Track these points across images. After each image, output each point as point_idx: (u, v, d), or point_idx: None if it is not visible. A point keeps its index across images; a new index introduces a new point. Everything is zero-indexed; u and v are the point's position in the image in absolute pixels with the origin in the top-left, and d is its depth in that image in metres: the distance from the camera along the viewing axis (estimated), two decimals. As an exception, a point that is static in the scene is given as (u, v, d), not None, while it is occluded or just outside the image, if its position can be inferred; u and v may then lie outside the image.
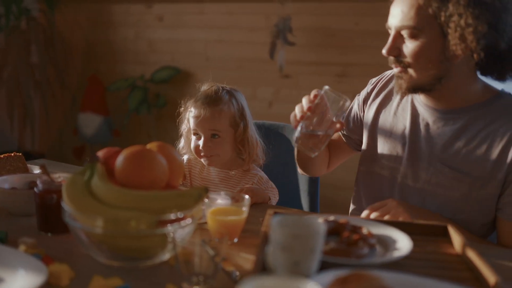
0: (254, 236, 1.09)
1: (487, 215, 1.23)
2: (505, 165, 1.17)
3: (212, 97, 1.44)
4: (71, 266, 0.86)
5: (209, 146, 1.44)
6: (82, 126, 3.73)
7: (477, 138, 1.21)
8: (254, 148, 1.48)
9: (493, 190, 1.19)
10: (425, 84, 1.21)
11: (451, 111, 1.25)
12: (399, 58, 1.20)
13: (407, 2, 1.16)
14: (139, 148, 0.99)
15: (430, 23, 1.15)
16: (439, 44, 1.16)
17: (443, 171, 1.23)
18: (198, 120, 1.43)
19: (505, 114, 1.21)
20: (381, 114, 1.39)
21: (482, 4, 1.10)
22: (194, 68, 3.50)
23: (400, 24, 1.17)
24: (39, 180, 1.08)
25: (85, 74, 3.85)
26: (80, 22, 3.78)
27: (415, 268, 0.91)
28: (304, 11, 3.08)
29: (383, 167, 1.35)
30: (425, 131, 1.28)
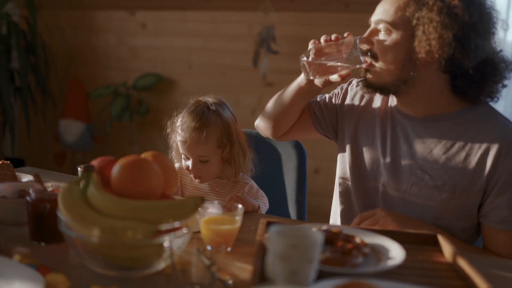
0: (247, 245, 1.09)
1: (467, 221, 1.25)
2: (484, 173, 1.20)
3: (197, 121, 1.42)
4: (67, 275, 0.85)
5: (198, 168, 1.45)
6: (63, 132, 3.68)
7: (455, 146, 1.24)
8: (241, 163, 1.49)
9: (474, 198, 1.22)
10: (388, 84, 1.25)
11: (428, 119, 1.28)
12: (370, 51, 1.25)
13: (391, 0, 1.23)
14: (135, 158, 0.99)
15: (405, 24, 1.20)
16: (407, 46, 1.21)
17: (424, 178, 1.26)
18: (186, 146, 1.43)
19: (482, 122, 1.23)
20: (362, 122, 1.41)
21: (452, 14, 1.15)
22: (177, 76, 3.49)
23: (378, 18, 1.24)
24: (31, 189, 1.07)
25: (66, 80, 3.81)
26: (62, 28, 3.74)
27: (408, 277, 0.93)
28: (288, 21, 3.11)
29: (364, 176, 1.37)
30: (405, 139, 1.30)
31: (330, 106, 1.50)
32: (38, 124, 3.84)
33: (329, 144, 1.61)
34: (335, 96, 1.51)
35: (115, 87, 3.52)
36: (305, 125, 1.53)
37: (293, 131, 1.55)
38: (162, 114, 3.75)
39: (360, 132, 1.40)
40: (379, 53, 1.23)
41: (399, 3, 1.21)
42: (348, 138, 1.43)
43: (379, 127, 1.36)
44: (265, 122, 1.57)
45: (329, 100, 1.51)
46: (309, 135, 1.56)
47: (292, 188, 1.76)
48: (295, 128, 1.54)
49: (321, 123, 1.50)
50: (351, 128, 1.42)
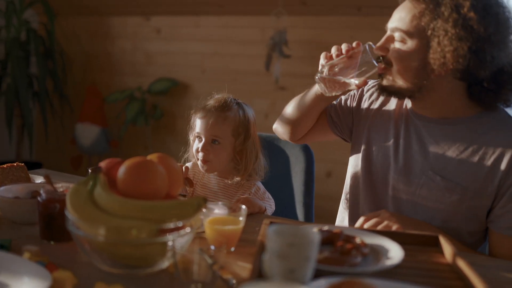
0: (250, 245, 1.12)
1: (476, 225, 1.25)
2: (497, 178, 1.20)
3: (220, 103, 1.49)
4: (74, 273, 0.89)
5: (207, 149, 1.47)
6: (80, 136, 3.75)
7: (469, 149, 1.24)
8: (251, 162, 1.50)
9: (484, 202, 1.22)
10: (403, 89, 1.26)
11: (444, 121, 1.28)
12: (385, 58, 1.26)
13: (407, 8, 1.23)
14: (140, 159, 1.03)
15: (419, 33, 1.21)
16: (421, 55, 1.21)
17: (435, 179, 1.26)
18: (203, 122, 1.48)
19: (497, 127, 1.24)
20: (377, 122, 1.41)
21: (468, 27, 1.15)
22: (190, 80, 3.54)
23: (394, 26, 1.24)
24: (42, 189, 1.11)
25: (83, 85, 3.89)
26: (79, 34, 3.83)
27: (406, 277, 0.94)
28: (300, 25, 3.13)
29: (376, 174, 1.38)
30: (418, 139, 1.31)
31: (346, 108, 1.51)
32: (55, 128, 3.92)
33: (341, 147, 1.63)
34: (351, 98, 1.52)
35: (130, 92, 3.58)
36: (322, 128, 1.55)
37: (310, 134, 1.57)
38: (176, 118, 3.82)
39: (374, 131, 1.41)
40: (393, 61, 1.24)
41: (414, 11, 1.21)
42: (362, 138, 1.44)
43: (393, 126, 1.37)
44: (283, 126, 1.60)
45: (345, 102, 1.52)
46: (326, 137, 1.58)
47: (300, 190, 1.77)
48: (312, 131, 1.56)
49: (337, 125, 1.52)
50: (366, 128, 1.43)
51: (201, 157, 1.49)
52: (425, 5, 1.20)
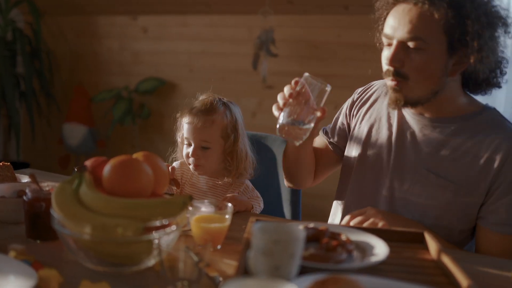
0: (237, 243, 1.12)
1: (467, 223, 1.27)
2: (489, 176, 1.21)
3: (206, 106, 1.47)
4: (60, 271, 0.89)
5: (197, 155, 1.47)
6: (67, 136, 3.73)
7: (462, 148, 1.25)
8: (242, 161, 1.50)
9: (476, 199, 1.23)
10: (422, 98, 1.23)
11: (438, 120, 1.29)
12: (399, 70, 1.21)
13: (418, 13, 1.17)
14: (126, 158, 1.03)
15: (439, 37, 1.17)
16: (443, 60, 1.19)
17: (428, 177, 1.27)
18: (190, 128, 1.46)
19: (489, 127, 1.25)
20: (367, 123, 1.42)
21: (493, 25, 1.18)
22: (178, 80, 3.53)
23: (409, 35, 1.17)
24: (28, 188, 1.10)
25: (70, 85, 3.86)
26: (65, 34, 3.80)
27: (391, 273, 0.95)
28: (287, 24, 3.14)
29: (369, 173, 1.38)
30: (411, 137, 1.32)
31: (342, 128, 1.52)
32: (42, 128, 3.89)
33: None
34: (342, 115, 1.52)
35: (117, 91, 3.57)
36: (329, 160, 1.55)
37: (321, 170, 1.57)
38: (164, 117, 3.81)
39: (367, 131, 1.41)
40: (413, 72, 1.20)
41: (432, 15, 1.15)
42: (356, 138, 1.45)
43: (385, 125, 1.38)
44: (293, 184, 1.60)
45: (341, 123, 1.52)
46: (339, 165, 1.54)
47: (287, 189, 1.78)
48: (322, 168, 1.56)
49: (342, 148, 1.51)
50: (359, 129, 1.44)
51: (192, 162, 1.49)
52: (444, 7, 1.15)
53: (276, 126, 1.18)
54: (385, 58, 1.24)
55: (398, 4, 1.21)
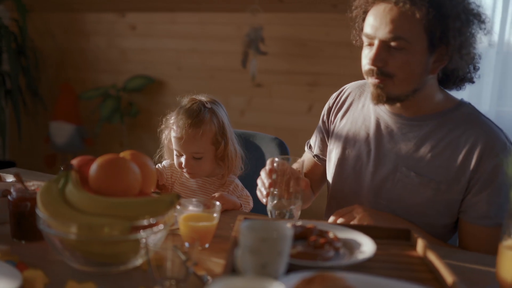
0: (225, 242, 1.12)
1: (449, 218, 1.29)
2: (468, 170, 1.23)
3: (193, 118, 1.44)
4: (45, 272, 0.88)
5: (191, 165, 1.47)
6: (54, 134, 3.69)
7: (441, 145, 1.27)
8: (233, 161, 1.51)
9: (457, 195, 1.25)
10: (402, 95, 1.25)
11: (415, 118, 1.31)
12: (382, 69, 1.22)
13: (400, 13, 1.17)
14: (113, 156, 1.02)
15: (421, 36, 1.18)
16: (424, 58, 1.21)
17: (409, 175, 1.28)
18: (181, 142, 1.45)
19: (465, 122, 1.27)
20: (344, 127, 1.44)
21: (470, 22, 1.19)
22: (166, 77, 3.51)
23: (391, 35, 1.18)
24: (13, 188, 1.09)
25: (57, 82, 3.82)
26: (52, 31, 3.76)
27: (378, 270, 0.96)
28: (276, 21, 3.14)
29: (350, 174, 1.40)
30: (390, 137, 1.33)
31: (322, 138, 1.54)
32: (28, 126, 3.85)
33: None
34: (321, 124, 1.54)
35: (105, 89, 3.54)
36: (320, 172, 1.56)
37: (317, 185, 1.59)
38: (152, 115, 3.79)
39: (345, 134, 1.43)
40: (397, 70, 1.21)
41: (413, 15, 1.16)
42: (335, 141, 1.46)
43: (363, 127, 1.39)
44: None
45: (320, 133, 1.54)
46: None
47: (276, 186, 1.78)
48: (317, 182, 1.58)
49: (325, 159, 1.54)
50: (338, 132, 1.46)
51: (186, 171, 1.50)
52: (425, 6, 1.16)
53: (265, 125, 1.20)
54: (366, 58, 1.24)
55: (377, 3, 1.22)
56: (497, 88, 2.52)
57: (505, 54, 2.49)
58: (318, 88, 3.07)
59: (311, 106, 3.09)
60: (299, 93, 3.12)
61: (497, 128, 1.27)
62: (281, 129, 3.06)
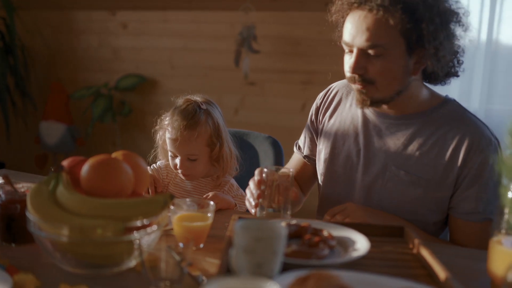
0: (219, 241, 1.11)
1: (440, 214, 1.29)
2: (456, 167, 1.24)
3: (189, 120, 1.43)
4: (37, 275, 0.87)
5: (186, 166, 1.46)
6: (44, 135, 3.65)
7: (428, 142, 1.28)
8: (228, 163, 1.50)
9: (445, 192, 1.26)
10: (387, 98, 1.26)
11: (402, 117, 1.31)
12: (363, 76, 1.23)
13: (374, 20, 1.17)
14: (105, 157, 1.01)
15: (398, 41, 1.18)
16: (404, 61, 1.21)
17: (399, 174, 1.29)
18: (176, 144, 1.44)
19: (451, 119, 1.28)
20: (333, 126, 1.44)
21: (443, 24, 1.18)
22: (159, 76, 3.49)
23: (368, 43, 1.18)
24: (1, 190, 1.07)
25: (47, 82, 3.79)
26: (41, 29, 3.72)
27: (372, 267, 0.96)
28: (268, 20, 3.13)
29: (340, 174, 1.40)
30: (378, 136, 1.34)
31: (311, 138, 1.53)
32: (18, 127, 3.81)
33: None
34: (309, 123, 1.54)
35: (97, 88, 3.51)
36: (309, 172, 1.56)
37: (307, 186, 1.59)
38: (145, 114, 3.77)
39: (334, 135, 1.43)
40: (378, 77, 1.22)
41: (388, 21, 1.16)
42: (324, 143, 1.46)
43: (351, 127, 1.39)
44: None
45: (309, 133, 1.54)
46: None
47: (270, 185, 1.77)
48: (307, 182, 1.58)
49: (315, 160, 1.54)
50: (327, 133, 1.45)
51: (181, 173, 1.49)
52: (398, 12, 1.16)
53: (258, 123, 1.20)
54: (347, 65, 1.25)
55: (353, 10, 1.22)
56: (486, 86, 2.52)
57: (493, 53, 2.49)
58: (312, 86, 3.07)
59: (304, 105, 3.09)
60: (293, 91, 3.12)
61: (482, 124, 1.28)
62: (274, 127, 3.06)
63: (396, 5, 1.16)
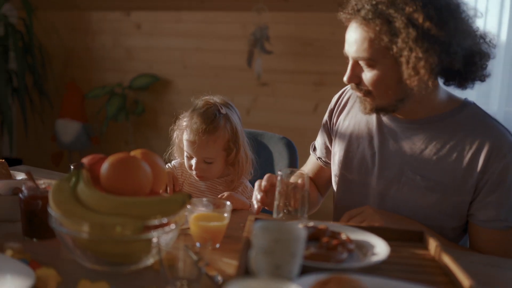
0: (235, 242, 1.11)
1: (458, 220, 1.27)
2: (476, 172, 1.22)
3: (208, 124, 1.42)
4: (58, 270, 0.87)
5: (201, 168, 1.47)
6: (60, 132, 3.69)
7: (446, 147, 1.25)
8: (243, 167, 1.50)
9: (465, 197, 1.24)
10: (387, 106, 1.25)
11: (418, 121, 1.29)
12: (359, 86, 1.24)
13: (360, 33, 1.18)
14: (124, 155, 1.01)
15: (384, 54, 1.17)
16: (395, 72, 1.19)
17: (415, 179, 1.27)
18: (193, 147, 1.44)
19: (471, 123, 1.25)
20: (347, 129, 1.43)
21: (430, 37, 1.13)
22: (172, 76, 3.51)
23: (356, 55, 1.20)
24: (24, 186, 1.09)
25: (63, 81, 3.83)
26: (58, 29, 3.76)
27: (392, 272, 0.95)
28: (281, 20, 3.13)
29: (355, 177, 1.39)
30: (394, 141, 1.32)
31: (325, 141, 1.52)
32: (35, 124, 3.86)
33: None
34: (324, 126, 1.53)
35: (111, 88, 3.54)
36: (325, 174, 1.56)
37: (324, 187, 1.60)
38: (157, 114, 3.79)
39: (348, 138, 1.42)
40: (371, 88, 1.22)
41: (369, 35, 1.17)
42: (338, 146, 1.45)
43: (366, 131, 1.38)
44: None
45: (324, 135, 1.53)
46: None
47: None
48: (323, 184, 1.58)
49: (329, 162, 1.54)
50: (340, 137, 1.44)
51: (195, 174, 1.49)
52: (378, 26, 1.15)
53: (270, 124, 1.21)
54: (344, 76, 1.26)
55: (351, 20, 1.22)
56: (506, 88, 2.51)
57: (513, 54, 2.48)
58: (324, 87, 3.06)
59: (317, 106, 3.08)
60: (305, 92, 3.12)
61: (504, 128, 1.25)
62: (286, 128, 3.06)
63: (375, 19, 1.15)
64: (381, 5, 1.15)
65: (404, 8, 1.13)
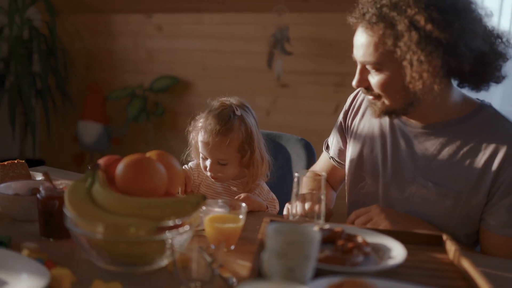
0: (250, 244, 1.11)
1: (471, 227, 1.24)
2: (489, 177, 1.18)
3: (222, 125, 1.42)
4: (73, 270, 0.88)
5: (215, 169, 1.47)
6: (82, 134, 3.75)
7: (459, 153, 1.22)
8: (258, 170, 1.49)
9: (478, 202, 1.20)
10: (398, 109, 1.23)
11: (432, 126, 1.26)
12: (369, 89, 1.23)
13: (365, 38, 1.18)
14: (139, 156, 1.02)
15: (389, 57, 1.16)
16: (401, 76, 1.17)
17: (427, 185, 1.24)
18: (207, 148, 1.44)
19: (486, 128, 1.22)
20: (361, 134, 1.41)
21: (433, 40, 1.10)
22: (192, 78, 3.53)
23: (363, 59, 1.20)
24: (41, 186, 1.10)
25: (85, 82, 3.89)
26: (80, 32, 3.82)
27: (409, 276, 0.93)
28: (302, 21, 3.12)
29: (368, 181, 1.37)
30: (406, 145, 1.29)
31: (338, 141, 1.52)
32: (58, 125, 3.93)
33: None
34: (338, 126, 1.52)
35: (132, 89, 3.58)
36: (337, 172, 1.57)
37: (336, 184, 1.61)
38: (178, 115, 3.82)
39: (361, 143, 1.40)
40: (379, 91, 1.21)
41: (374, 39, 1.16)
42: (350, 150, 1.44)
43: (378, 135, 1.36)
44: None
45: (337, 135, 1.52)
46: None
47: (302, 188, 1.76)
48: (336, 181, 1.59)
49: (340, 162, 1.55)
50: (353, 141, 1.43)
51: (210, 175, 1.49)
52: (381, 30, 1.14)
53: (290, 125, 1.20)
54: (353, 81, 1.26)
55: (357, 24, 1.21)
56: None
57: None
58: (344, 88, 3.04)
59: (337, 107, 3.06)
60: (325, 93, 3.10)
61: None
62: (306, 129, 3.04)
63: (379, 23, 1.14)
64: (385, 8, 1.14)
65: (407, 10, 1.11)
